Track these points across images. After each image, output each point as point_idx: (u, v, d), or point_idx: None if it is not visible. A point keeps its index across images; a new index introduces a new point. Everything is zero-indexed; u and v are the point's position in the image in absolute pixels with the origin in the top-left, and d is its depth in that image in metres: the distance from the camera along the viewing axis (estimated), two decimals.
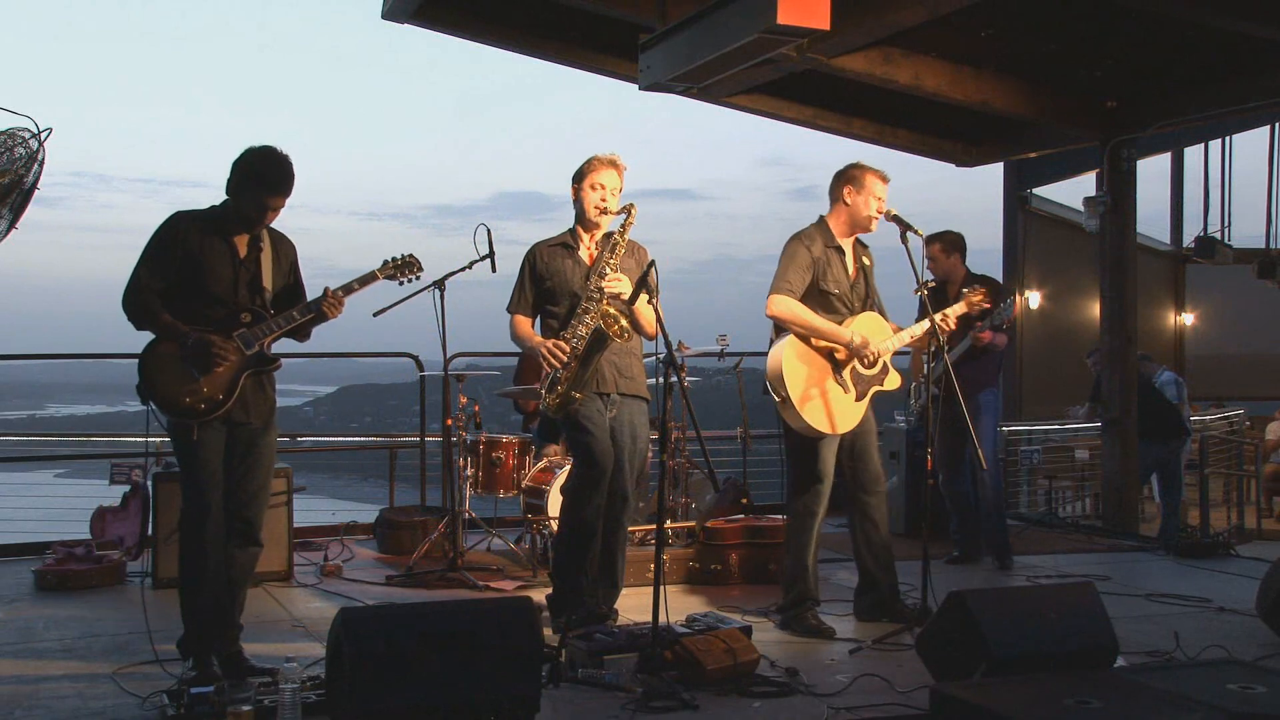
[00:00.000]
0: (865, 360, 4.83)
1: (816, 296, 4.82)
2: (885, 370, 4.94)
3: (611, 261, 4.66)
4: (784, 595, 4.97)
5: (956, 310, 5.28)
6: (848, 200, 4.88)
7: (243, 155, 3.99)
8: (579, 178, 4.78)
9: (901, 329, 5.02)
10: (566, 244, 4.81)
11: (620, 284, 4.60)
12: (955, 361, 6.09)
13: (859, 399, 4.87)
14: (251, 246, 4.05)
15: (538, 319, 4.88)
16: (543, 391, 4.71)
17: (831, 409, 4.79)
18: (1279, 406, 12.97)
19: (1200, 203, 12.00)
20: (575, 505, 4.71)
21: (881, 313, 5.04)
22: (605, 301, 4.61)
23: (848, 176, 4.90)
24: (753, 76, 6.79)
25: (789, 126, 8.99)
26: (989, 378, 6.44)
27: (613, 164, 4.75)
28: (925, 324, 4.95)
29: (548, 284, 4.77)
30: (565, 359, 4.59)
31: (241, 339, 3.98)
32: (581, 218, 4.81)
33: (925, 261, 6.38)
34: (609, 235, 4.82)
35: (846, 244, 4.96)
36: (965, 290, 5.39)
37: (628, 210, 4.73)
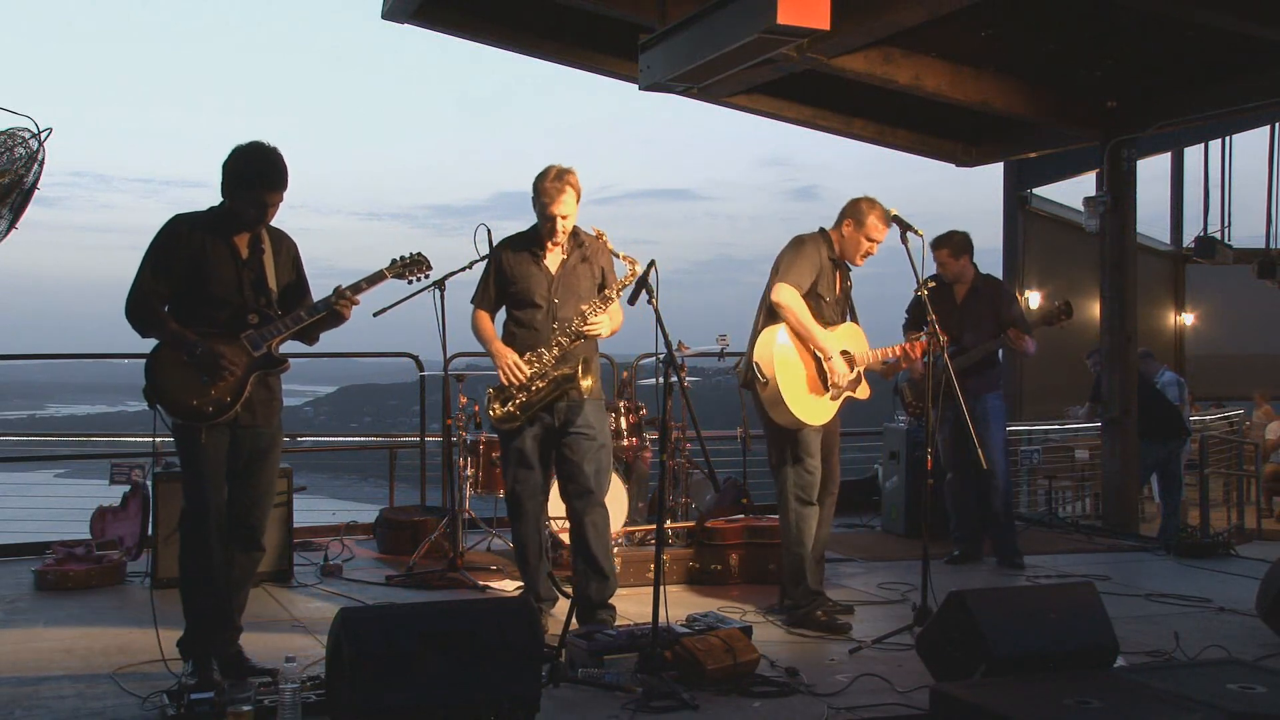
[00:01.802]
0: (832, 378, 4.94)
1: (812, 298, 4.94)
2: (859, 379, 5.08)
3: (601, 308, 4.75)
4: (788, 593, 4.98)
5: (918, 345, 5.24)
6: (844, 231, 5.05)
7: (231, 155, 3.96)
8: (536, 195, 4.74)
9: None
10: (533, 250, 4.81)
11: (598, 327, 4.73)
12: (967, 366, 6.15)
13: (833, 399, 5.00)
14: (253, 247, 4.03)
15: (501, 318, 4.94)
16: (489, 393, 4.82)
17: (809, 402, 4.92)
18: (1275, 405, 12.96)
19: (1200, 203, 12.02)
20: (511, 515, 4.94)
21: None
22: (575, 341, 4.72)
23: (854, 210, 5.03)
24: (753, 76, 6.79)
25: (789, 126, 9.00)
26: (993, 383, 6.48)
27: (565, 186, 4.67)
28: (894, 350, 5.16)
29: (512, 289, 4.82)
30: (523, 382, 4.70)
31: (249, 340, 3.96)
32: (542, 233, 4.80)
33: (935, 266, 6.41)
34: (579, 239, 4.84)
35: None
36: (913, 336, 5.29)
37: (631, 266, 4.72)
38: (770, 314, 4.95)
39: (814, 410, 4.93)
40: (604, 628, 4.50)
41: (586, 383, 4.70)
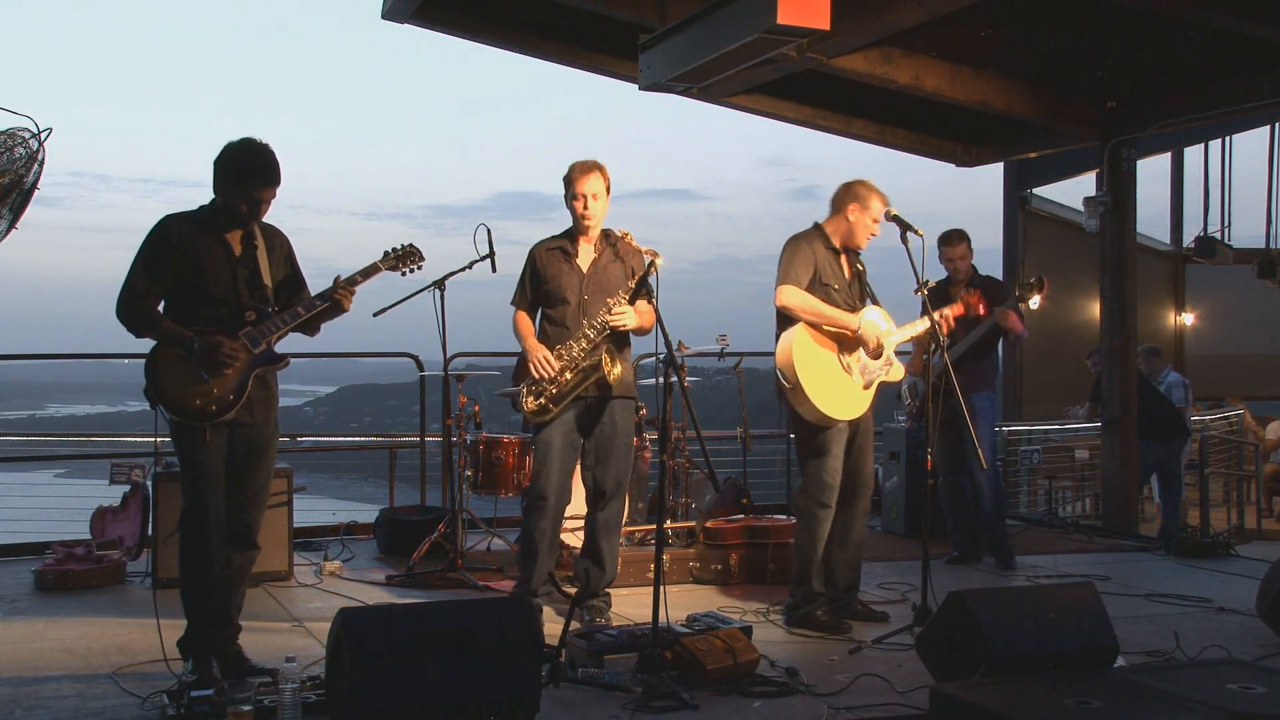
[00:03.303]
0: (868, 348, 4.89)
1: (817, 290, 4.91)
2: (889, 361, 5.04)
3: (624, 299, 4.77)
4: (792, 592, 4.98)
5: (954, 310, 5.39)
6: (850, 217, 4.99)
7: (223, 152, 3.95)
8: (565, 186, 4.91)
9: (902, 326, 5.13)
10: (565, 249, 4.92)
11: (623, 317, 4.75)
12: (958, 359, 6.14)
13: (865, 387, 4.96)
14: (246, 243, 4.02)
15: (537, 317, 5.01)
16: (523, 389, 4.89)
17: (840, 396, 4.87)
18: (1276, 407, 12.96)
19: (1200, 203, 11.98)
20: (525, 519, 4.96)
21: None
22: (602, 333, 4.76)
23: (855, 194, 4.98)
24: (753, 76, 6.79)
25: (789, 126, 9.00)
26: (985, 381, 6.46)
27: (593, 168, 4.84)
28: (925, 321, 5.06)
29: (545, 287, 4.92)
30: (553, 374, 4.76)
31: (248, 338, 3.95)
32: (575, 224, 4.93)
33: (949, 264, 6.38)
34: (610, 239, 4.92)
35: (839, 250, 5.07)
36: (964, 291, 5.52)
37: (652, 258, 4.72)
38: (782, 320, 4.93)
39: (844, 404, 4.87)
40: (604, 628, 4.51)
41: (616, 370, 4.74)
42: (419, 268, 4.39)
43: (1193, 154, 12.80)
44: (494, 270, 5.58)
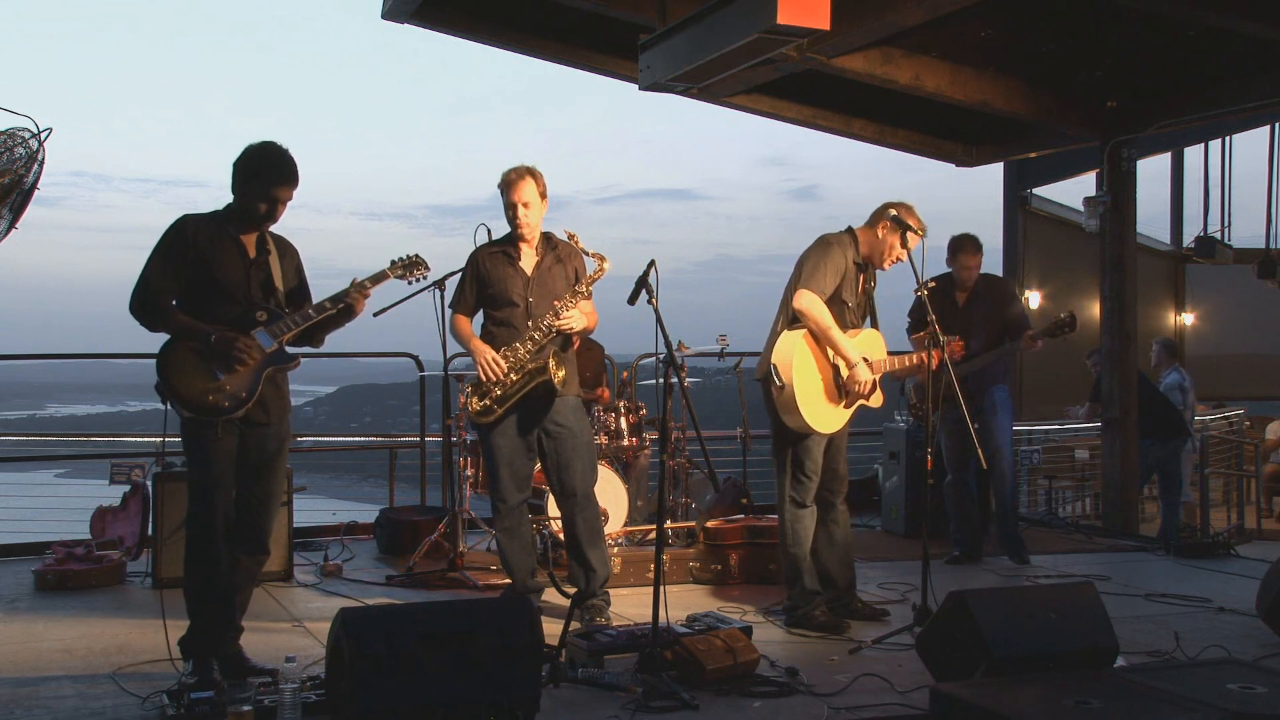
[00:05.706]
0: (854, 386, 4.88)
1: (834, 304, 4.90)
2: (874, 387, 5.03)
3: (572, 303, 4.84)
4: (790, 593, 4.98)
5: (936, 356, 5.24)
6: (880, 234, 4.97)
7: (243, 154, 4.01)
8: (500, 192, 4.92)
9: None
10: (507, 252, 4.98)
11: (571, 321, 4.81)
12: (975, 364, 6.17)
13: (846, 407, 4.98)
14: (260, 247, 4.07)
15: (479, 320, 5.07)
16: (468, 389, 4.96)
17: (825, 411, 4.89)
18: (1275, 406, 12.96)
19: (1200, 203, 11.98)
20: (498, 527, 5.00)
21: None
22: (549, 335, 4.82)
23: (892, 217, 4.92)
24: (753, 76, 6.79)
25: (789, 126, 9.00)
26: (999, 376, 6.49)
27: (523, 175, 4.87)
28: (911, 359, 5.13)
29: (489, 290, 4.98)
30: (500, 376, 4.81)
31: (260, 336, 3.98)
32: (513, 232, 4.97)
33: (962, 272, 6.38)
34: (551, 242, 4.96)
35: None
36: (947, 338, 5.23)
37: (600, 262, 4.88)
38: (792, 317, 4.92)
39: (826, 418, 4.89)
40: (604, 628, 4.51)
41: (560, 374, 4.79)
42: (424, 278, 4.46)
43: (1193, 154, 12.81)
44: None
